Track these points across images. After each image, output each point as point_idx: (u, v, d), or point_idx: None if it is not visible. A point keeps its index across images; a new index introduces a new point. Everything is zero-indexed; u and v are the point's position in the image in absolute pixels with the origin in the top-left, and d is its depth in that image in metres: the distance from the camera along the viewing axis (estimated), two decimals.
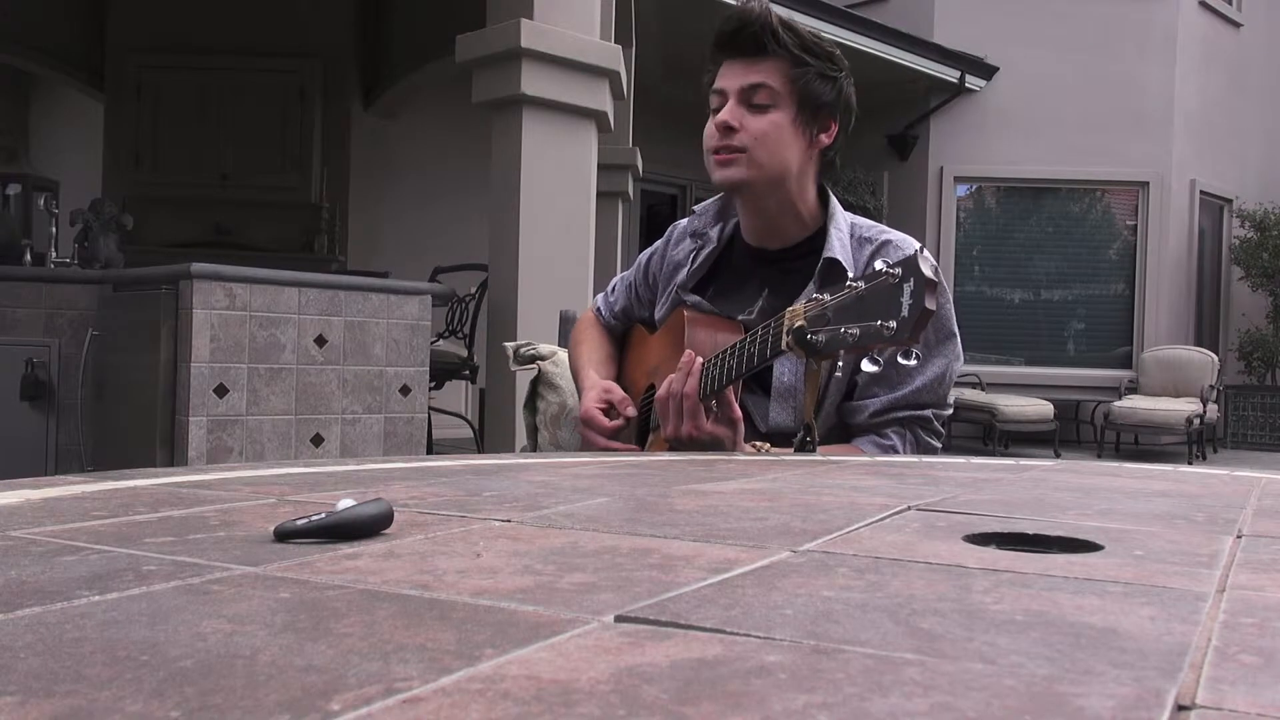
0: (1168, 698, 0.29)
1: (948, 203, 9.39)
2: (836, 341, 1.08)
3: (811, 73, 1.44)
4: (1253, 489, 0.87)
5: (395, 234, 7.43)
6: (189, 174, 6.85)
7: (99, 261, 4.32)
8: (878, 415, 1.43)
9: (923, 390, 1.43)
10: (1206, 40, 9.74)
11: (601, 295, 1.84)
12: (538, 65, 4.05)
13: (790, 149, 1.45)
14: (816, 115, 1.46)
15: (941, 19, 9.18)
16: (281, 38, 6.99)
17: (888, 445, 1.44)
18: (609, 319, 1.79)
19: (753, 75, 1.44)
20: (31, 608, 0.37)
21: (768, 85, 1.43)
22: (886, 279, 1.04)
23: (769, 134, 1.44)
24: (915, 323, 1.01)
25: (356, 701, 0.27)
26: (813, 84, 1.44)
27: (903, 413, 1.43)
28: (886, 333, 1.03)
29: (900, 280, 1.03)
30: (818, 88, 1.45)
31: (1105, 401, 8.93)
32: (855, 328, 1.06)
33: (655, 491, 0.76)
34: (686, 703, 0.27)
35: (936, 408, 1.45)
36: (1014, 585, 0.44)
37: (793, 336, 1.12)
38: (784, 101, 1.44)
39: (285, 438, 3.42)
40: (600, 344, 1.75)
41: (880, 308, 1.04)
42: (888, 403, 1.43)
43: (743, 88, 1.45)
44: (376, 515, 0.54)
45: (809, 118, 1.46)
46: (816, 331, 1.10)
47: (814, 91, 1.44)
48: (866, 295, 1.06)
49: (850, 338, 1.06)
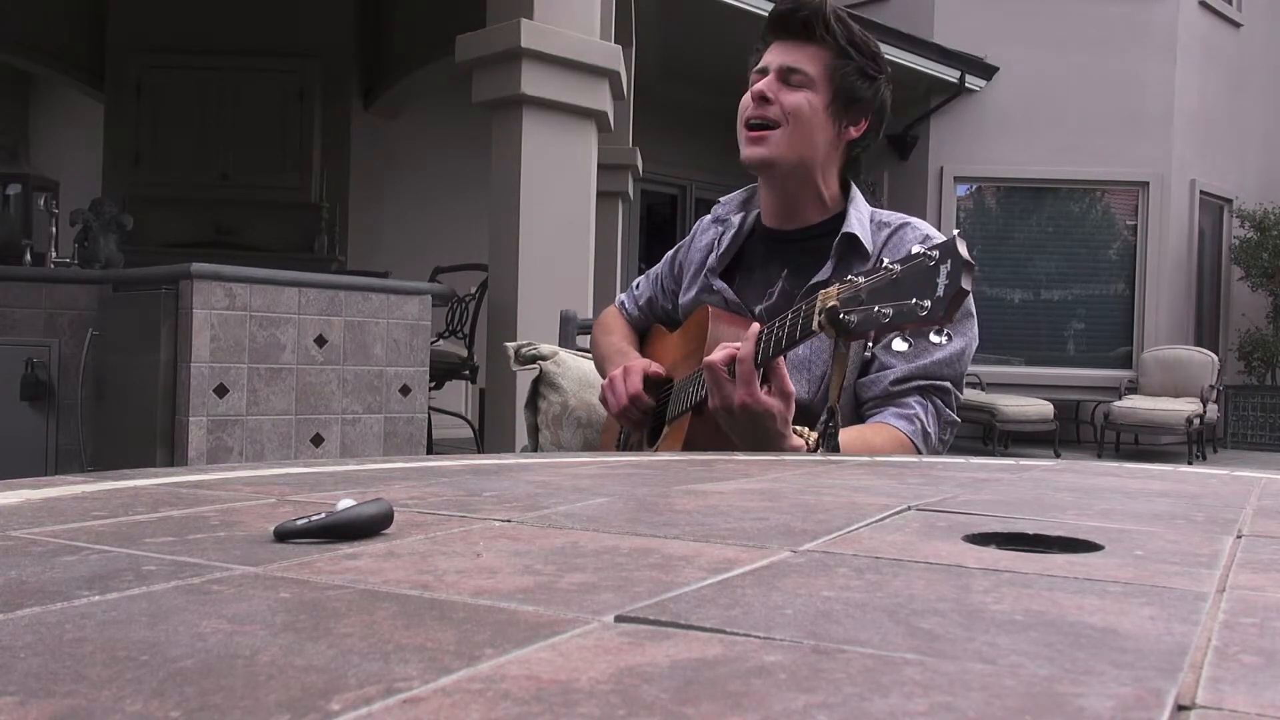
0: (1168, 698, 0.29)
1: (948, 203, 9.39)
2: (870, 321, 1.07)
3: (852, 66, 1.48)
4: (1253, 489, 0.87)
5: (395, 234, 7.43)
6: (189, 174, 6.85)
7: (99, 261, 4.32)
8: (897, 384, 1.41)
9: (942, 364, 1.42)
10: (1206, 40, 9.74)
11: (626, 293, 1.87)
12: (538, 65, 4.05)
13: (819, 132, 1.48)
14: (849, 108, 1.49)
15: (941, 19, 9.18)
16: (281, 38, 6.99)
17: (910, 413, 1.40)
18: (632, 310, 1.82)
19: (796, 57, 1.48)
20: (31, 608, 0.37)
21: (807, 71, 1.47)
22: (924, 260, 1.03)
23: (802, 110, 1.47)
24: (950, 302, 1.01)
25: (356, 701, 0.27)
26: (851, 77, 1.48)
27: (922, 381, 1.42)
28: (921, 312, 1.02)
29: (937, 262, 1.02)
30: (856, 82, 1.48)
31: (1105, 401, 8.93)
32: (889, 307, 1.05)
33: (655, 491, 0.76)
34: (686, 703, 0.27)
35: (954, 383, 1.45)
36: (1014, 585, 0.44)
37: (825, 316, 1.11)
38: (821, 87, 1.47)
39: (285, 438, 3.42)
40: (628, 333, 1.80)
41: (915, 288, 1.03)
42: (907, 372, 1.41)
43: (783, 67, 1.48)
44: (376, 515, 0.54)
45: (841, 108, 1.49)
46: (850, 311, 1.09)
47: (851, 85, 1.48)
48: (902, 277, 1.05)
49: (884, 317, 1.05)
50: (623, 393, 1.52)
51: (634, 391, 1.52)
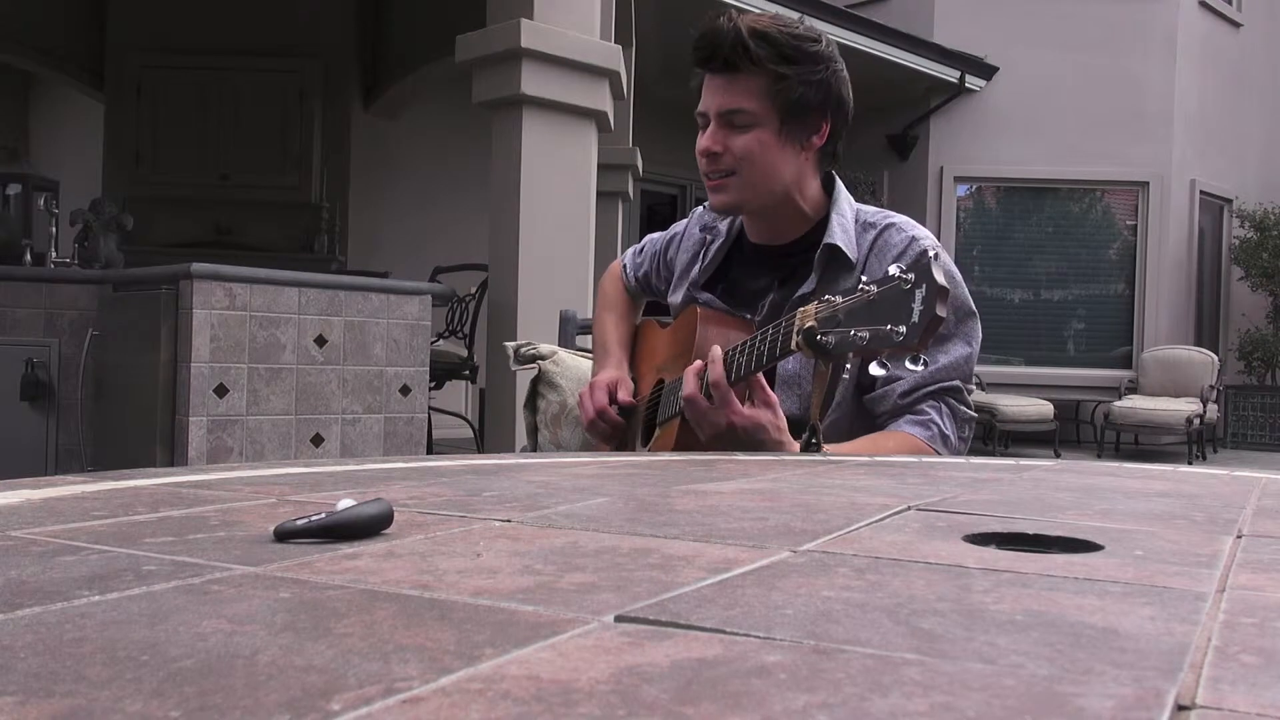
0: (1168, 698, 0.29)
1: (948, 203, 9.39)
2: (846, 344, 1.08)
3: (792, 82, 1.39)
4: (1253, 489, 0.87)
5: (395, 234, 7.43)
6: (189, 174, 6.85)
7: (99, 261, 4.32)
8: (906, 395, 1.42)
9: (949, 368, 1.42)
10: (1206, 40, 9.74)
11: (631, 251, 1.84)
12: (538, 65, 4.05)
13: (780, 162, 1.43)
14: (804, 122, 1.43)
15: (941, 19, 9.18)
16: (281, 38, 6.99)
17: (925, 419, 1.41)
18: (631, 280, 1.81)
19: (731, 96, 1.41)
20: (31, 608, 0.37)
21: (745, 109, 1.40)
22: (899, 284, 1.03)
23: (753, 152, 1.41)
24: (925, 329, 1.01)
25: (356, 701, 0.27)
26: (794, 92, 1.40)
27: (932, 386, 1.42)
28: (896, 338, 1.02)
29: (912, 286, 1.02)
30: (802, 94, 1.40)
31: (1105, 401, 8.93)
32: (865, 331, 1.05)
33: (655, 491, 0.76)
34: (686, 703, 0.27)
35: (965, 381, 1.45)
36: (1014, 585, 0.44)
37: (803, 337, 1.12)
38: (766, 118, 1.41)
39: (285, 438, 3.42)
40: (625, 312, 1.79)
41: (891, 312, 1.03)
42: (915, 382, 1.41)
43: (721, 111, 1.42)
44: (376, 515, 0.54)
45: (795, 127, 1.42)
46: (827, 333, 1.10)
47: (798, 100, 1.40)
48: (878, 299, 1.05)
49: (860, 341, 1.06)
50: (589, 407, 1.56)
51: (599, 407, 1.55)
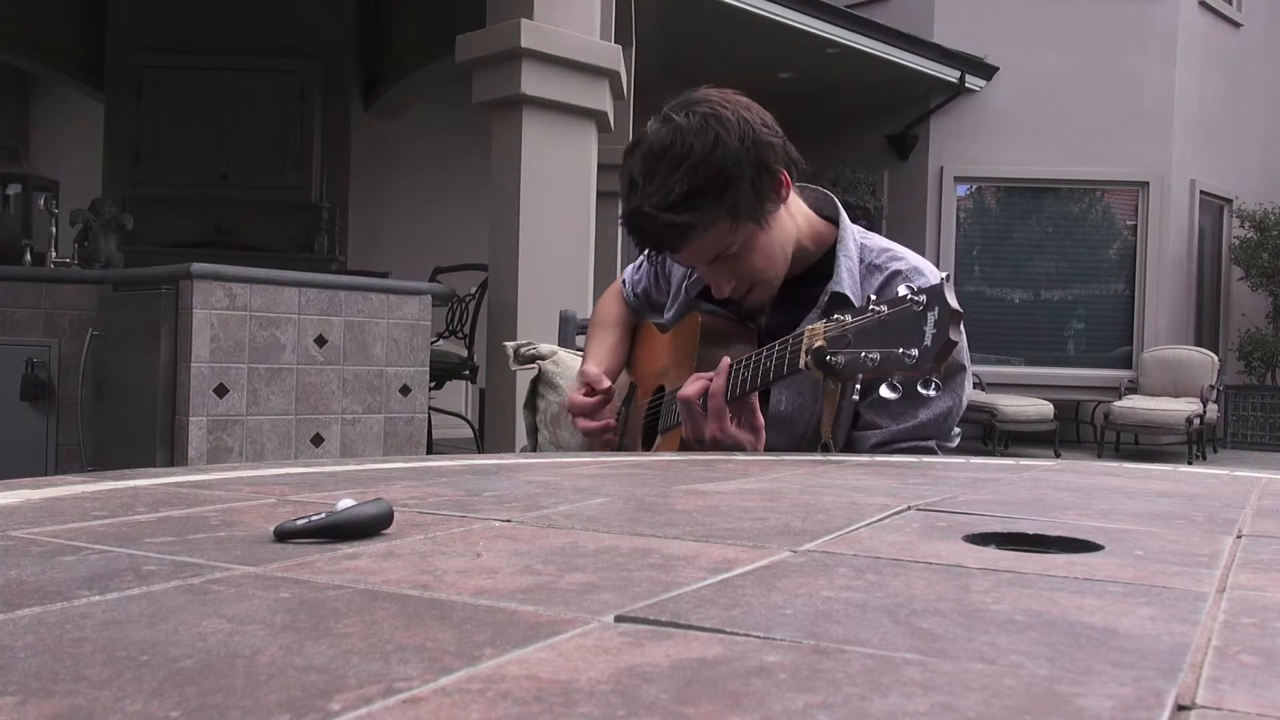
0: (1168, 698, 0.29)
1: (948, 203, 9.39)
2: (856, 365, 1.05)
3: (732, 199, 1.28)
4: (1253, 489, 0.87)
5: (395, 234, 7.43)
6: (189, 174, 6.85)
7: (99, 261, 4.32)
8: (878, 449, 1.37)
9: (927, 425, 1.36)
10: (1206, 40, 9.74)
11: (630, 268, 1.81)
12: (538, 65, 4.05)
13: (777, 238, 1.36)
14: (764, 195, 1.32)
15: (941, 19, 9.18)
16: (281, 38, 6.99)
17: None
18: (630, 295, 1.79)
19: (701, 253, 1.34)
20: (31, 608, 0.37)
21: (717, 250, 1.33)
22: (910, 306, 1.01)
23: (754, 267, 1.35)
24: (937, 354, 0.99)
25: (356, 701, 0.27)
26: (745, 194, 1.29)
27: (905, 443, 1.37)
28: (908, 361, 1.00)
29: (924, 309, 1.00)
30: (753, 187, 1.29)
31: (1105, 401, 8.93)
32: (875, 353, 1.03)
33: (655, 491, 0.76)
34: (686, 703, 0.27)
35: (941, 439, 1.38)
36: (1014, 585, 0.44)
37: (812, 357, 1.09)
38: (739, 235, 1.32)
39: (285, 438, 3.42)
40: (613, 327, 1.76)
41: (902, 335, 1.01)
42: (890, 435, 1.36)
43: (705, 265, 1.37)
44: (376, 515, 0.54)
45: (762, 207, 1.32)
46: (836, 353, 1.07)
47: (752, 195, 1.30)
48: (889, 320, 1.03)
49: (870, 362, 1.04)
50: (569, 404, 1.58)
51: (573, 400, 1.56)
